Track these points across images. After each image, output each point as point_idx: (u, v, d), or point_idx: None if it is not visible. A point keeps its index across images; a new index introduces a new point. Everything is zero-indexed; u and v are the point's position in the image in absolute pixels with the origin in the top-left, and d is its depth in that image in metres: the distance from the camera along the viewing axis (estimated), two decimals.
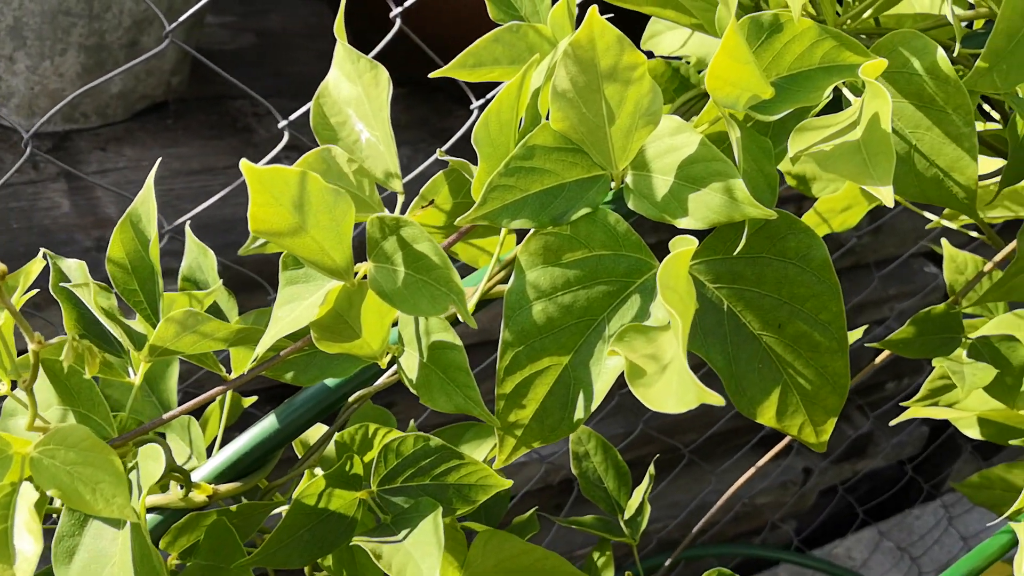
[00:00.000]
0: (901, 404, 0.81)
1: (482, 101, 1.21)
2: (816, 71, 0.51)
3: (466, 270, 0.55)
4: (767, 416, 0.50)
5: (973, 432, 0.84)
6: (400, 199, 0.59)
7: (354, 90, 0.59)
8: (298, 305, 0.45)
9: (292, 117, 1.09)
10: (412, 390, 0.49)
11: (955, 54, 0.57)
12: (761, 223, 0.48)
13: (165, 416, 0.51)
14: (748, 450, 1.87)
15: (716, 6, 0.55)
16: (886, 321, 1.87)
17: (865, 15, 0.61)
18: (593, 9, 0.42)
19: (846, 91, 0.52)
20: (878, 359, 0.78)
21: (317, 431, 0.64)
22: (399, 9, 1.09)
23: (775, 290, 0.48)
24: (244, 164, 0.42)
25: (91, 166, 1.23)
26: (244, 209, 0.49)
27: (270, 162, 1.20)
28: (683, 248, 0.43)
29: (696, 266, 0.49)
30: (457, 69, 0.55)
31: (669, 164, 0.47)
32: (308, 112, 0.62)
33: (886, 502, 2.27)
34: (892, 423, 0.84)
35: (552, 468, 1.59)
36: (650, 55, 0.61)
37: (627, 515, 0.75)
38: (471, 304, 0.51)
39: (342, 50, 0.57)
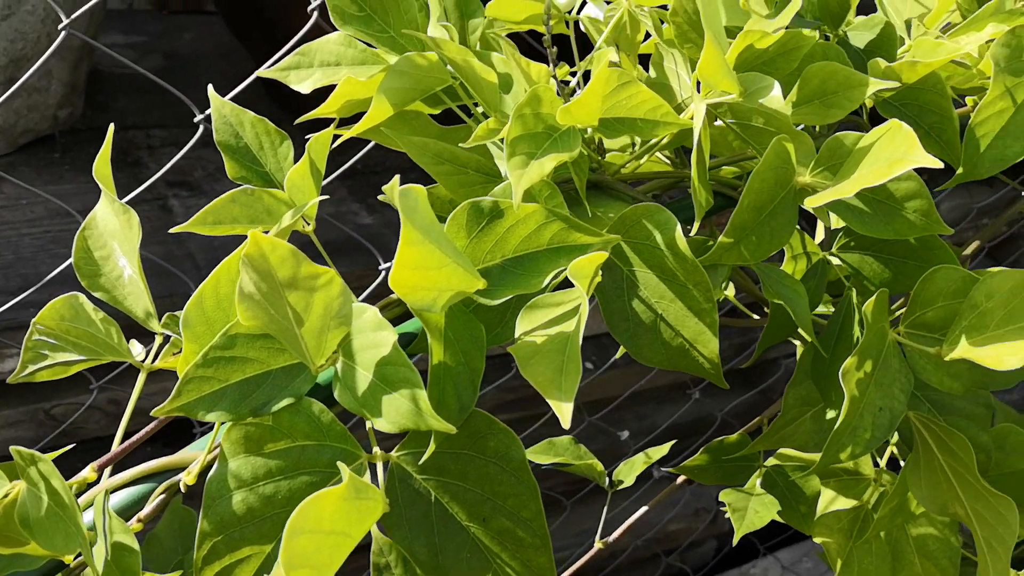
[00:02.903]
0: None
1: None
2: (544, 252, 0.50)
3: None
4: None
5: None
6: (157, 340, 0.59)
7: (118, 223, 0.58)
8: None
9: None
10: None
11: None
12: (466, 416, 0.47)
13: None
14: (663, 477, 1.87)
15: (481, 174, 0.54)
16: None
17: (638, 162, 0.61)
18: (253, 234, 0.41)
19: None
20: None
21: None
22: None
23: (478, 485, 0.48)
24: None
25: None
26: None
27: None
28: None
29: (403, 457, 0.48)
30: (198, 226, 0.54)
31: (369, 360, 0.46)
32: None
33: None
34: None
35: None
36: None
37: None
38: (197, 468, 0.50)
39: (105, 194, 0.56)
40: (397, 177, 0.40)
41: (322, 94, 0.57)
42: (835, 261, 0.65)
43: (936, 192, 0.74)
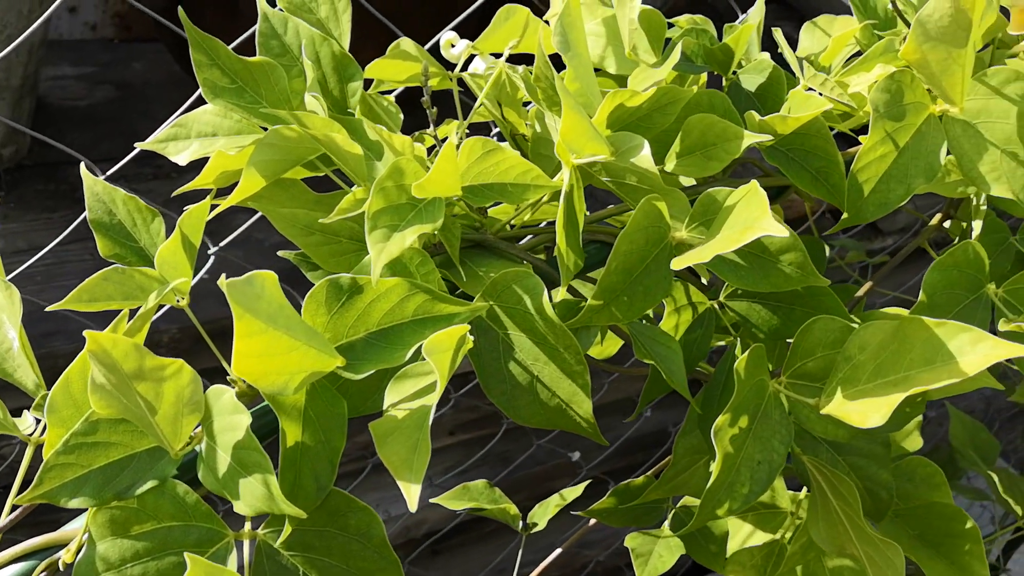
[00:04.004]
0: None
1: None
2: (409, 324, 0.50)
3: None
4: None
5: None
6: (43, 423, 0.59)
7: (3, 297, 0.58)
8: None
9: None
10: None
11: None
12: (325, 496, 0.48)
13: None
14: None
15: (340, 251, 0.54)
16: None
17: (522, 218, 0.61)
18: (89, 334, 0.41)
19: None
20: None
21: None
22: None
23: (343, 561, 0.48)
24: None
25: None
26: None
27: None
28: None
29: (270, 534, 0.49)
30: (74, 303, 0.54)
31: (227, 442, 0.46)
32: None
33: None
34: None
35: (412, 523, 1.60)
36: None
37: None
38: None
39: None
40: (223, 276, 0.41)
41: None
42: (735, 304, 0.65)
43: (827, 237, 0.74)
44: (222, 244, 1.01)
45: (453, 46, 0.66)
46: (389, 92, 0.68)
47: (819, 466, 0.62)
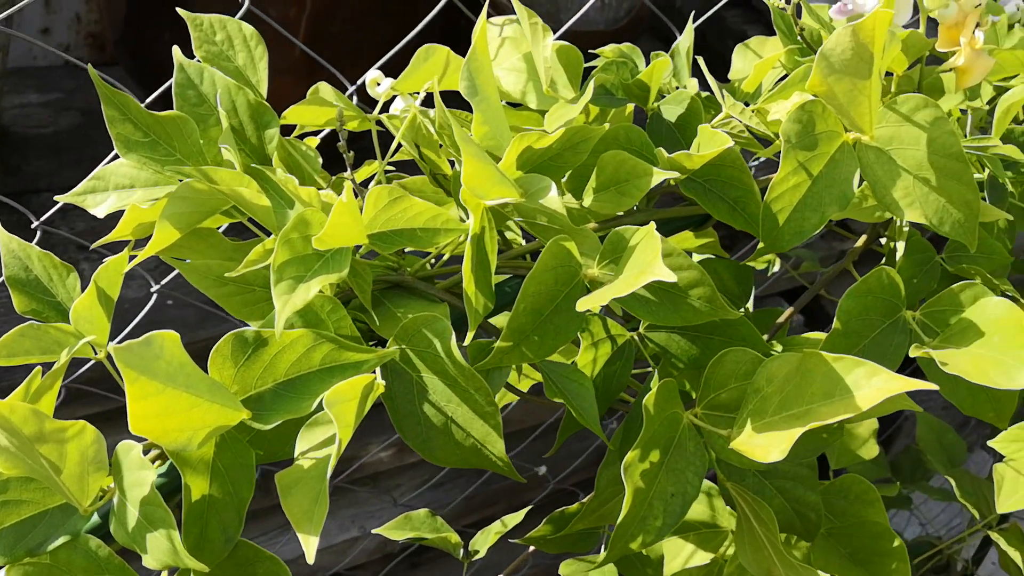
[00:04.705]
0: None
1: None
2: (316, 374, 0.51)
3: None
4: None
5: None
6: None
7: None
8: None
9: None
10: None
11: None
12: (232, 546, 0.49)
13: None
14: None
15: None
16: None
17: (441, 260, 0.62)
18: None
19: None
20: None
21: None
22: None
23: None
24: None
25: None
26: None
27: None
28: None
29: None
30: None
31: (136, 498, 0.47)
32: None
33: None
34: None
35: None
36: None
37: None
38: None
39: None
40: (112, 345, 0.42)
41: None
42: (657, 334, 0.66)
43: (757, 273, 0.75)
44: (164, 282, 1.02)
45: (379, 84, 0.67)
46: (316, 133, 0.69)
47: (741, 493, 0.63)
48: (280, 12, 1.44)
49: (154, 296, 1.00)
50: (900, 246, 0.72)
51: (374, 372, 0.53)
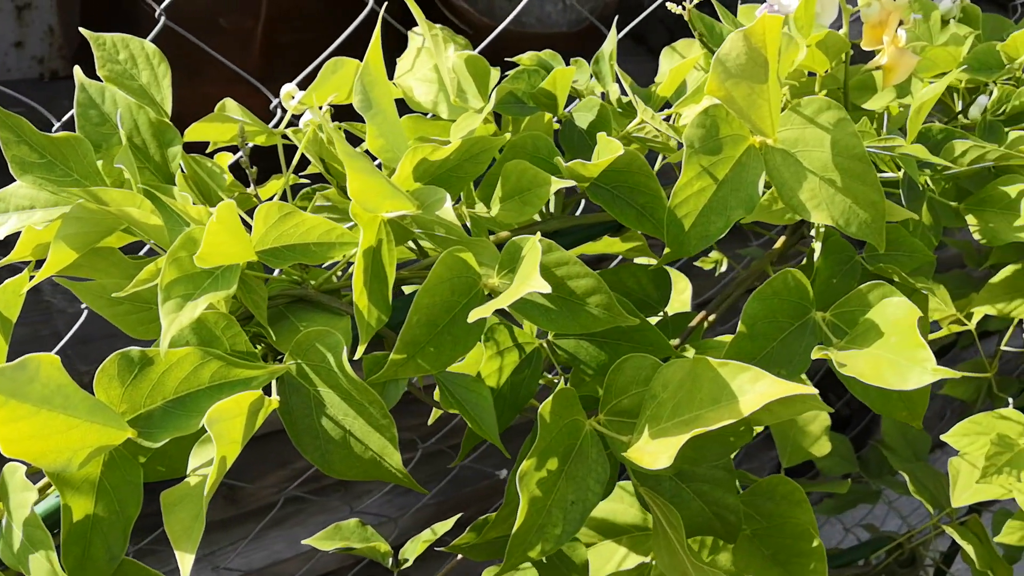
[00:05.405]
0: None
1: None
2: (204, 391, 0.52)
3: None
4: None
5: None
6: None
7: None
8: None
9: None
10: None
11: None
12: None
13: None
14: None
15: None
16: None
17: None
18: None
19: None
20: None
21: None
22: None
23: None
24: None
25: None
26: None
27: None
28: None
29: None
30: None
31: (19, 519, 0.48)
32: None
33: None
34: None
35: None
36: None
37: None
38: None
39: None
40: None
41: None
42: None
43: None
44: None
45: (292, 97, 0.67)
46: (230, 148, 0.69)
47: (653, 497, 0.64)
48: (236, 22, 1.44)
49: (85, 311, 1.01)
50: (818, 247, 0.72)
51: (272, 386, 0.53)
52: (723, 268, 1.10)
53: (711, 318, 0.75)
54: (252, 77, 1.47)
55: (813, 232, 0.79)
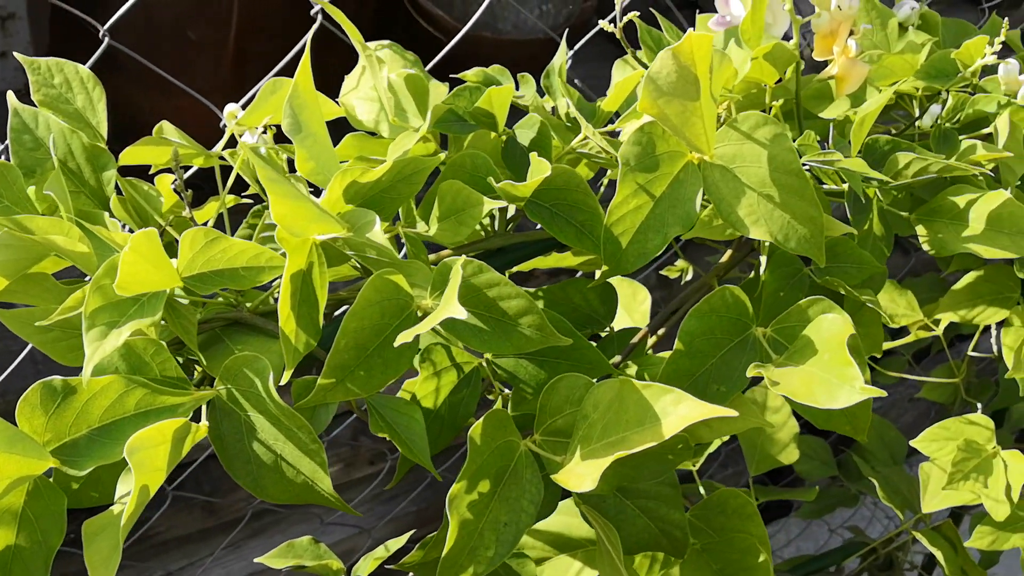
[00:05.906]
0: None
1: None
2: (131, 418, 0.52)
3: None
4: None
5: None
6: None
7: None
8: None
9: None
10: None
11: None
12: None
13: None
14: None
15: None
16: None
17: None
18: None
19: None
20: None
21: None
22: None
23: None
24: None
25: None
26: None
27: None
28: None
29: None
30: None
31: None
32: None
33: None
34: None
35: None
36: None
37: None
38: None
39: None
40: None
41: None
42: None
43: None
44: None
45: (235, 117, 0.67)
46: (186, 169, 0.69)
47: (593, 514, 0.64)
48: (207, 33, 1.44)
49: None
50: (763, 260, 0.72)
51: (199, 412, 0.53)
52: (688, 276, 1.10)
53: (660, 332, 0.75)
54: (224, 88, 1.47)
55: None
